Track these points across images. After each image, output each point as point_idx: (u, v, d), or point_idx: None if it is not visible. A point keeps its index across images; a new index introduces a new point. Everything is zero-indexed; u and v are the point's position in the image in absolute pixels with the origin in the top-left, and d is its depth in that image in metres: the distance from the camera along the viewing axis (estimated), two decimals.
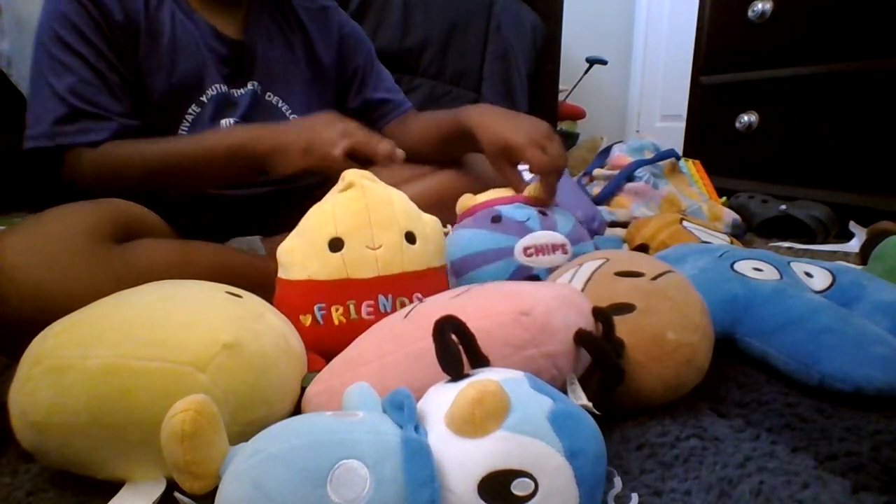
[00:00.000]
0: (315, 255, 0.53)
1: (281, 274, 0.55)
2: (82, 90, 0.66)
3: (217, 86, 0.74)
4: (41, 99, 0.67)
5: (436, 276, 0.58)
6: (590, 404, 0.39)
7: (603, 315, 0.44)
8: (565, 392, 0.41)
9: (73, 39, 0.66)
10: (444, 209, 0.71)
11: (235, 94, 0.77)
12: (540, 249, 0.65)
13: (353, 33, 0.91)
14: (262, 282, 0.57)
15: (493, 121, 0.72)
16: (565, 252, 0.66)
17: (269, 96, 0.80)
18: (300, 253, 0.54)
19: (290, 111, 0.82)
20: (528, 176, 0.77)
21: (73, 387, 0.36)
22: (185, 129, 0.74)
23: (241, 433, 0.33)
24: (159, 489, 0.37)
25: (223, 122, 0.75)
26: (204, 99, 0.74)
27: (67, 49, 0.66)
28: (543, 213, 0.68)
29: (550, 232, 0.66)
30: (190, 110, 0.73)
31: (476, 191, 0.75)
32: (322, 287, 0.53)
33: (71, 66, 0.66)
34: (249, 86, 0.78)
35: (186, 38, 0.72)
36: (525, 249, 0.65)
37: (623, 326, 0.47)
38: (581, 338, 0.41)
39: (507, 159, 0.71)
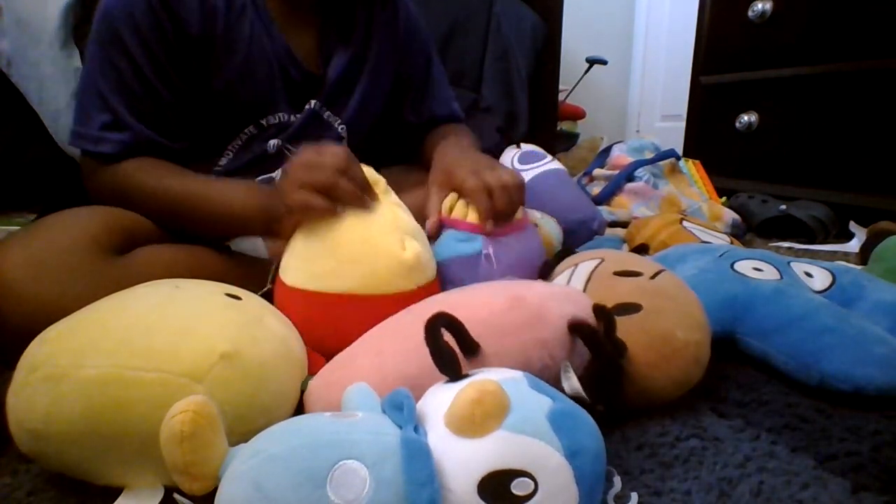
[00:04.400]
0: None
1: None
2: (130, 102, 0.63)
3: (280, 115, 0.72)
4: (88, 97, 0.64)
5: None
6: (580, 389, 0.39)
7: (604, 313, 0.44)
8: (560, 380, 0.41)
9: (135, 47, 0.62)
10: None
11: (294, 118, 0.74)
12: None
13: (415, 29, 0.86)
14: (265, 285, 0.57)
15: (453, 161, 0.68)
16: None
17: (327, 115, 0.77)
18: None
19: (339, 122, 0.79)
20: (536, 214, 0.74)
21: (69, 396, 0.36)
22: (237, 146, 0.72)
23: (239, 443, 0.32)
24: (157, 496, 0.37)
25: (271, 142, 0.73)
26: (264, 123, 0.71)
27: (126, 56, 0.62)
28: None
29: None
30: (247, 130, 0.71)
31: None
32: None
33: (125, 74, 0.62)
34: (307, 107, 0.75)
35: (260, 60, 0.68)
36: None
37: (632, 326, 0.47)
38: (574, 326, 0.41)
39: (445, 183, 0.66)
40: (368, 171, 0.56)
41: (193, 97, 0.67)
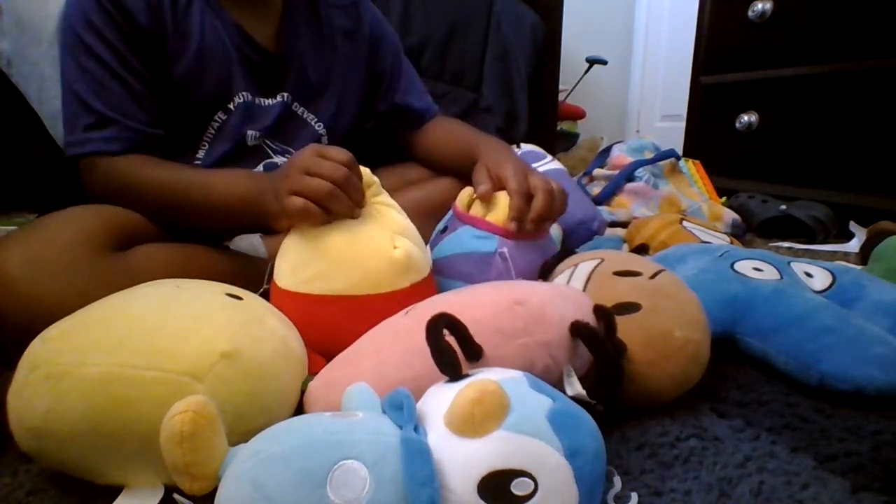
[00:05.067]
0: None
1: None
2: (105, 96, 0.65)
3: (243, 93, 0.73)
4: (70, 105, 0.66)
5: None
6: (584, 392, 0.39)
7: (605, 313, 0.44)
8: (563, 383, 0.41)
9: (96, 45, 0.64)
10: (441, 216, 0.70)
11: (263, 104, 0.75)
12: None
13: (382, 31, 0.88)
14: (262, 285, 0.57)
15: (502, 157, 0.66)
16: None
17: (297, 107, 0.78)
18: None
19: (316, 121, 0.80)
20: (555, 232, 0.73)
21: (70, 394, 0.36)
22: (211, 135, 0.73)
23: (239, 442, 0.33)
24: (157, 495, 0.37)
25: (249, 132, 0.74)
26: (231, 106, 0.72)
27: (90, 55, 0.64)
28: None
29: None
30: (216, 117, 0.72)
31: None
32: None
33: (94, 72, 0.64)
34: (279, 97, 0.76)
35: (215, 44, 0.70)
36: None
37: (631, 325, 0.47)
38: (577, 328, 0.41)
39: (490, 173, 0.65)
40: (364, 172, 0.56)
41: (160, 87, 0.68)
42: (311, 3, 0.80)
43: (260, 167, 0.76)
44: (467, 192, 0.66)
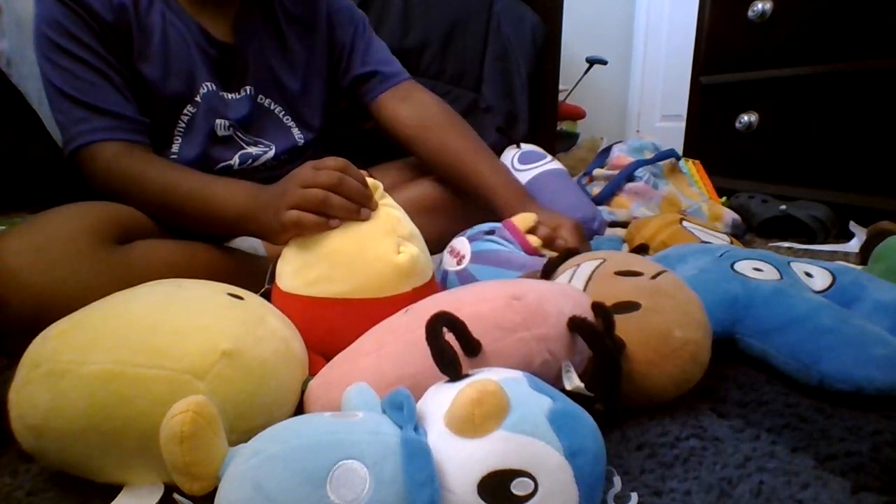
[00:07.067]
0: None
1: None
2: (91, 91, 0.65)
3: (206, 84, 0.73)
4: (59, 105, 0.66)
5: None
6: (581, 385, 0.39)
7: (603, 310, 0.44)
8: (562, 379, 0.41)
9: (68, 44, 0.65)
10: (427, 217, 0.71)
11: (227, 97, 0.76)
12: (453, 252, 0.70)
13: (342, 9, 0.87)
14: (263, 283, 0.57)
15: (554, 219, 0.73)
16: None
17: (262, 99, 0.79)
18: None
19: (283, 112, 0.81)
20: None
21: (71, 392, 0.36)
22: (182, 129, 0.73)
23: (239, 441, 0.32)
24: (157, 494, 0.37)
25: (218, 121, 0.74)
26: (198, 99, 0.73)
27: (66, 54, 0.65)
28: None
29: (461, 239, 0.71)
30: (185, 111, 0.73)
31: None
32: None
33: (74, 71, 0.65)
34: (243, 91, 0.77)
35: (177, 40, 0.71)
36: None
37: (631, 325, 0.47)
38: (575, 323, 0.41)
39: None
40: (366, 177, 0.56)
41: (132, 84, 0.69)
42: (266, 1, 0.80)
43: (236, 158, 0.76)
44: (531, 218, 0.71)
